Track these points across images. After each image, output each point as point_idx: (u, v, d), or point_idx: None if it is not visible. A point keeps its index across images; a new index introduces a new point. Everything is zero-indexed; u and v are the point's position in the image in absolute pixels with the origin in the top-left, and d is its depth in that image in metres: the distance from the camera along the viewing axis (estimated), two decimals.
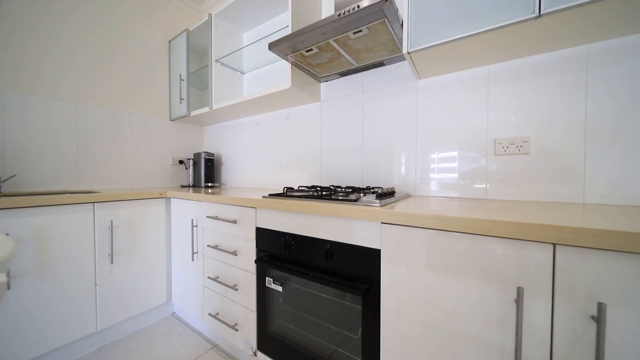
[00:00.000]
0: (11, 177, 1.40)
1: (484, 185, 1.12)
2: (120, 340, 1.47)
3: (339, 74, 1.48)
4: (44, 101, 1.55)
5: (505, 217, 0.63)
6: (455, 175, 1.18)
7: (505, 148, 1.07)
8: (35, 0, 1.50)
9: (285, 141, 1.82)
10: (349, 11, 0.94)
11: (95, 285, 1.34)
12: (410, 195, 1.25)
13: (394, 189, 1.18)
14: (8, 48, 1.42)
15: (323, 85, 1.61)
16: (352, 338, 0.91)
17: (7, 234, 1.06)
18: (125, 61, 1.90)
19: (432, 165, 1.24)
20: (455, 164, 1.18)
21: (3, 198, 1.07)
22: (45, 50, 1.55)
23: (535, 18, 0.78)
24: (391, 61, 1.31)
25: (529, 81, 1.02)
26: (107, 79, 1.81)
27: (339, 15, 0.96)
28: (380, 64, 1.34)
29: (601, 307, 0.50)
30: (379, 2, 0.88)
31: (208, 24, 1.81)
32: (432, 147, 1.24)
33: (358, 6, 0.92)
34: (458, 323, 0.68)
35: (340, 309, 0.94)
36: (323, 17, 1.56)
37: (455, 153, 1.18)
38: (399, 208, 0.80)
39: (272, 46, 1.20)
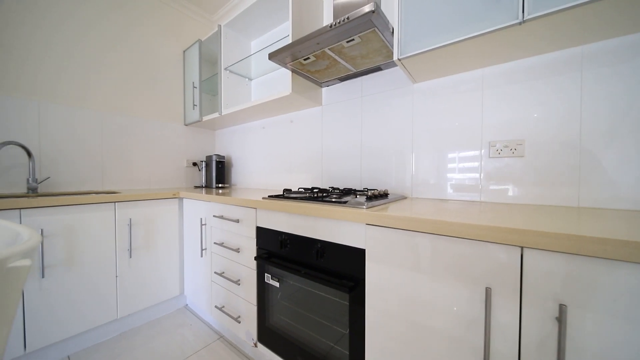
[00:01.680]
0: (46, 179, 1.59)
1: (478, 188, 1.12)
2: (138, 327, 1.61)
3: (339, 79, 1.53)
4: (75, 110, 1.72)
5: (477, 221, 0.65)
6: (449, 177, 1.19)
7: (499, 151, 1.07)
8: (71, 22, 1.68)
9: (290, 144, 1.89)
10: (339, 22, 0.99)
11: (116, 276, 1.48)
12: (405, 197, 1.27)
13: (387, 191, 1.21)
14: (48, 64, 1.61)
15: (324, 90, 1.66)
16: (342, 333, 0.96)
17: (41, 229, 1.21)
18: (144, 72, 2.06)
19: (428, 168, 1.26)
20: (450, 167, 1.19)
21: (39, 198, 1.23)
22: (74, 65, 1.73)
23: (520, 23, 0.79)
24: (387, 66, 1.34)
25: (523, 83, 1.02)
26: (128, 88, 1.98)
27: (330, 26, 1.01)
28: (378, 68, 1.37)
29: (562, 309, 0.52)
30: (366, 13, 0.93)
31: (218, 35, 1.92)
32: (427, 150, 1.26)
33: (347, 18, 0.97)
34: (436, 321, 0.71)
35: (332, 305, 1.00)
36: (325, 23, 1.62)
37: (450, 156, 1.19)
38: (386, 210, 0.84)
39: (272, 56, 1.27)
